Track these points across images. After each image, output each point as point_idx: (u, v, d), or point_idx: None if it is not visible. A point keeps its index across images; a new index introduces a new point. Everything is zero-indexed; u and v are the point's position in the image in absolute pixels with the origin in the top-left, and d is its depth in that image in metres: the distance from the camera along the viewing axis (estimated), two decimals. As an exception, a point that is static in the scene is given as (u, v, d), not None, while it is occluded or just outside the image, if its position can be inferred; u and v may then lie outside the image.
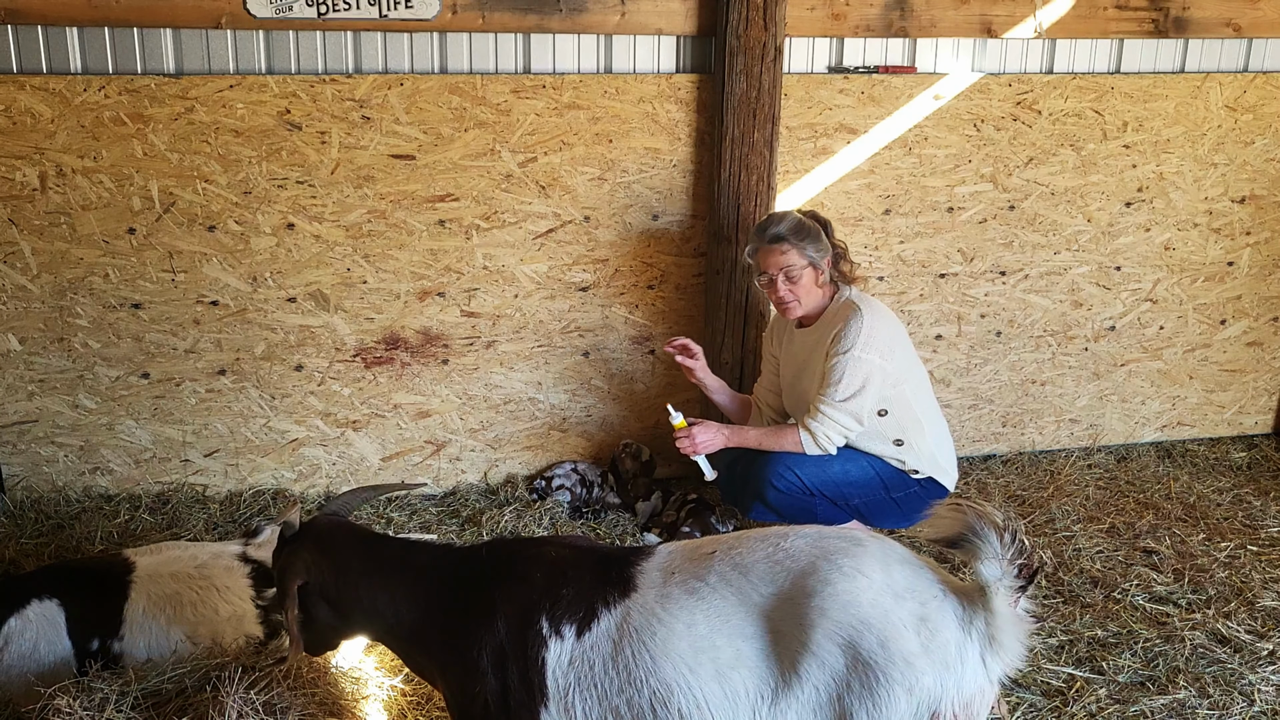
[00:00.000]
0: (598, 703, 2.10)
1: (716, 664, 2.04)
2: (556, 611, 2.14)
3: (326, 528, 2.41)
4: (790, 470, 3.40)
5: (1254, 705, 2.97)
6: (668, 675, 2.06)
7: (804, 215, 3.50)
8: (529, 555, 2.29)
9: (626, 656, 2.08)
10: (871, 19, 4.04)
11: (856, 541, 2.14)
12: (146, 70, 3.66)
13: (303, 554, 2.34)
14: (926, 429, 3.50)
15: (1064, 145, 4.32)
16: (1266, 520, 4.10)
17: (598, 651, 2.11)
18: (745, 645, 2.04)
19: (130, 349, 3.89)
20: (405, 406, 4.15)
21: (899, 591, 2.04)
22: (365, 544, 2.38)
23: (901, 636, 1.98)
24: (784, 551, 2.11)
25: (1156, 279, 4.60)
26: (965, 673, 2.00)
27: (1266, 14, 4.35)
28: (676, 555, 2.22)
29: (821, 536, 2.15)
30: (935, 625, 2.01)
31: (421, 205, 3.92)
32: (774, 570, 2.09)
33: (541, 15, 3.83)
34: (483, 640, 2.16)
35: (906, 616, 2.01)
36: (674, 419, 3.50)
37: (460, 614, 2.21)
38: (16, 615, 2.83)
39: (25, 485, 3.97)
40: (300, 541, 2.37)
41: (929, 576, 2.10)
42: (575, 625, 2.13)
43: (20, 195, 3.66)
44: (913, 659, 1.97)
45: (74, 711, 2.56)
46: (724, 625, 2.06)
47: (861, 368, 3.31)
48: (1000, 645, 2.02)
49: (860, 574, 2.04)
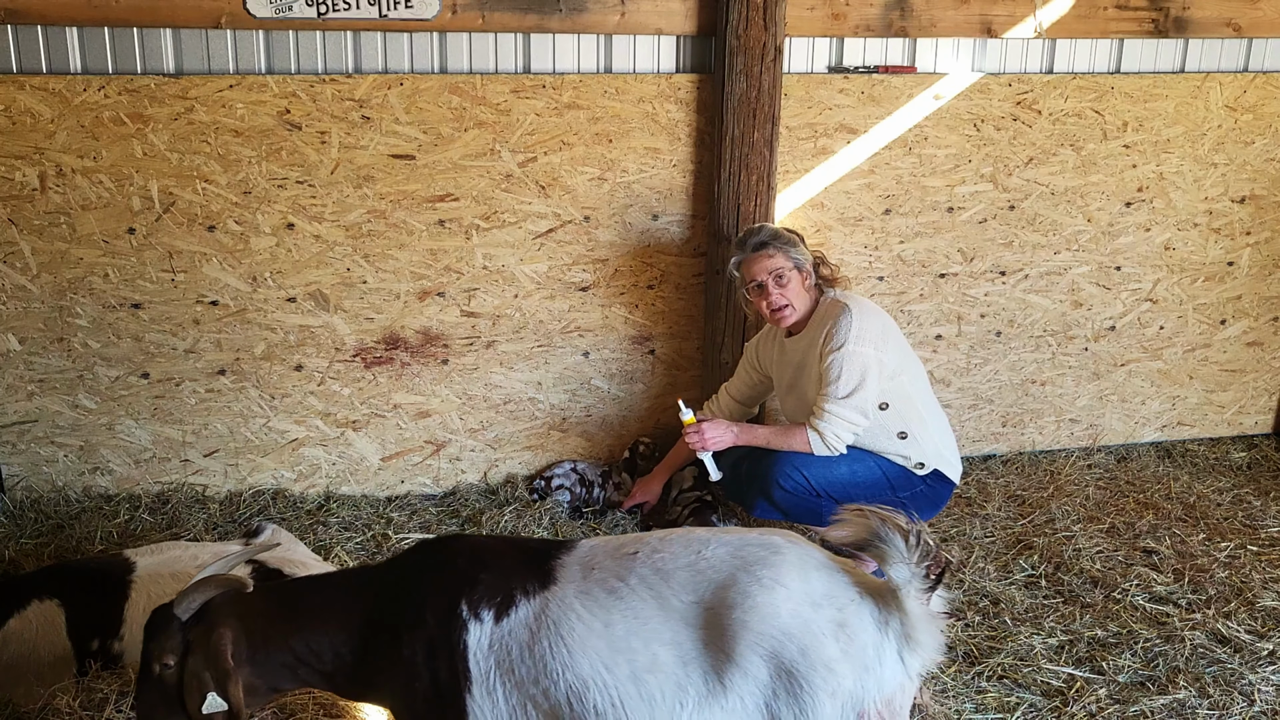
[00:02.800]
0: (516, 689, 2.13)
1: (633, 666, 2.07)
2: (475, 596, 2.17)
3: (229, 600, 2.28)
4: (798, 470, 3.40)
5: (1254, 705, 2.97)
6: (584, 671, 2.09)
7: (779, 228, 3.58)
8: (452, 548, 2.31)
9: (543, 648, 2.11)
10: (871, 19, 4.04)
11: (775, 550, 2.17)
12: (146, 70, 3.66)
13: (222, 632, 2.20)
14: (928, 420, 3.52)
15: (1064, 145, 4.32)
16: (1266, 520, 4.10)
17: (515, 639, 2.14)
18: (662, 651, 2.08)
19: (130, 349, 3.89)
20: (405, 406, 4.15)
21: (817, 600, 2.08)
22: (279, 602, 2.30)
23: (821, 644, 2.04)
24: (705, 560, 2.14)
25: (1156, 279, 4.60)
26: (884, 672, 2.07)
27: (1266, 14, 4.35)
28: (598, 551, 2.25)
29: (742, 545, 2.18)
30: (853, 630, 2.07)
31: (421, 205, 3.92)
32: (695, 579, 2.12)
33: (541, 15, 3.83)
34: (416, 637, 2.18)
35: (825, 624, 2.07)
36: (684, 414, 3.54)
37: (394, 622, 2.20)
38: (17, 615, 2.84)
39: (25, 485, 3.97)
40: (214, 622, 2.22)
41: (845, 581, 2.15)
42: (493, 610, 2.16)
43: (20, 195, 3.66)
44: (833, 664, 2.03)
45: (74, 711, 2.57)
46: (641, 629, 2.09)
47: (858, 361, 3.32)
48: (916, 643, 2.09)
49: (779, 585, 2.08)
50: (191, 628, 2.22)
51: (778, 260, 3.44)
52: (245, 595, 2.32)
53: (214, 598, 2.27)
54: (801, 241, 3.55)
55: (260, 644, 2.23)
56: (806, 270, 3.50)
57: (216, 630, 2.20)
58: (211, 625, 2.21)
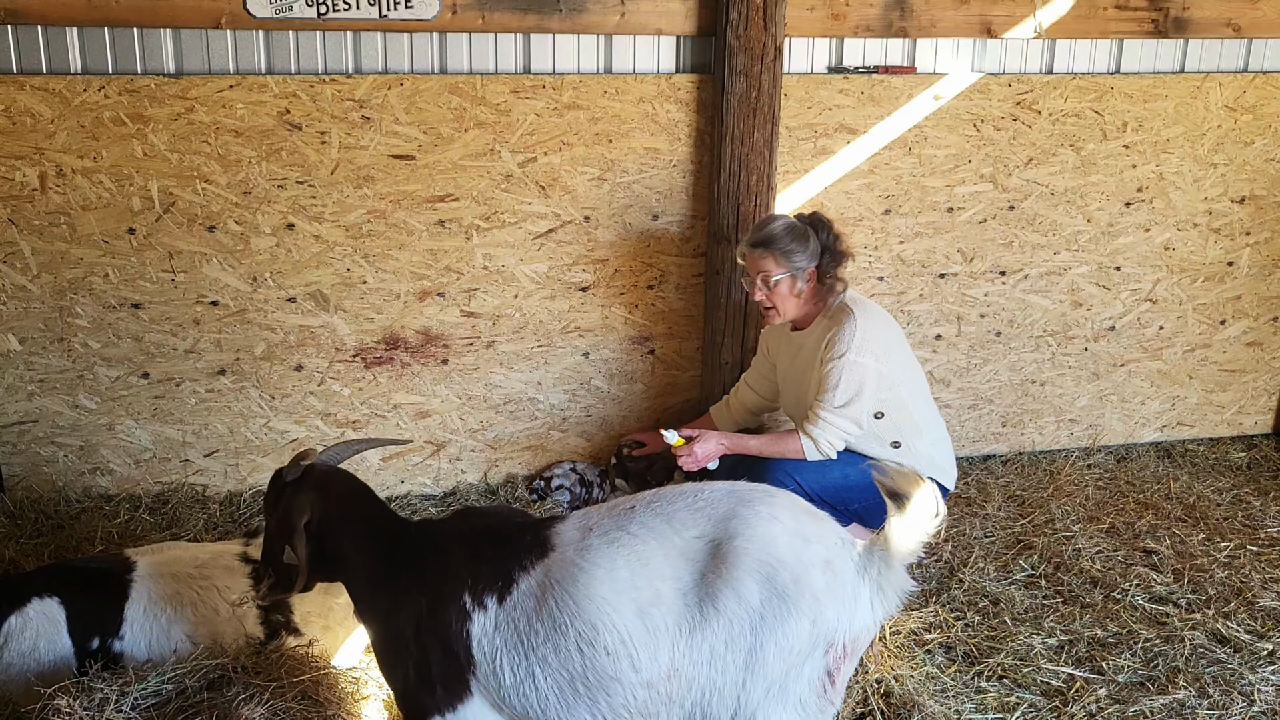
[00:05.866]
0: (524, 657, 2.28)
1: (638, 602, 2.22)
2: (479, 586, 2.33)
3: (326, 473, 2.60)
4: (790, 476, 3.39)
5: (1254, 705, 2.97)
6: (591, 616, 2.23)
7: (802, 218, 3.49)
8: (452, 532, 2.48)
9: (550, 607, 2.26)
10: (871, 19, 4.05)
11: (769, 492, 2.36)
12: (146, 70, 3.66)
13: (306, 493, 2.52)
14: (924, 431, 3.50)
15: (1064, 145, 4.33)
16: (1266, 520, 4.10)
17: (521, 610, 2.29)
18: (664, 585, 2.23)
19: (130, 349, 3.89)
20: (405, 406, 4.15)
21: (808, 536, 2.28)
22: (354, 497, 2.58)
23: (811, 575, 2.23)
24: (704, 500, 2.32)
25: (1156, 279, 4.61)
26: (858, 611, 2.27)
27: (1266, 14, 4.35)
28: (594, 514, 2.41)
29: (736, 487, 2.37)
30: (838, 568, 2.26)
31: (421, 205, 3.92)
32: (696, 516, 2.29)
33: (541, 15, 3.83)
34: (409, 613, 2.35)
35: (815, 558, 2.25)
36: (669, 439, 3.48)
37: (397, 583, 2.41)
38: (17, 614, 2.83)
39: (25, 485, 3.97)
40: (304, 483, 2.55)
41: (832, 526, 2.36)
42: (496, 594, 2.32)
43: (20, 195, 3.66)
44: (820, 595, 2.22)
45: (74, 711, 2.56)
46: (644, 568, 2.24)
47: (857, 372, 3.31)
48: (885, 594, 2.30)
49: (776, 519, 2.27)
50: (287, 488, 2.55)
51: (768, 264, 3.40)
52: (341, 475, 2.61)
53: (317, 466, 2.59)
54: (819, 232, 3.43)
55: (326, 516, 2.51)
56: (802, 276, 3.42)
57: (300, 495, 2.51)
58: (298, 489, 2.52)
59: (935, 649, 3.22)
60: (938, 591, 3.55)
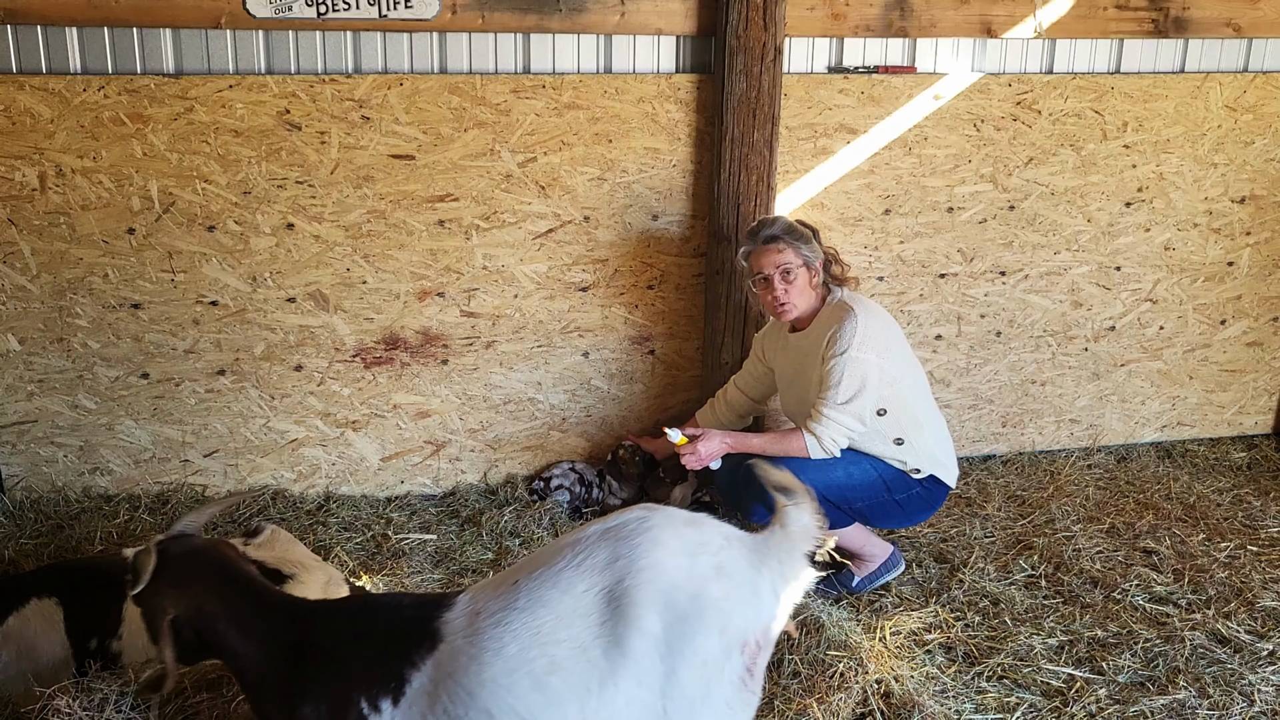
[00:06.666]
0: None
1: (532, 675, 2.14)
2: (373, 690, 2.22)
3: (183, 559, 2.39)
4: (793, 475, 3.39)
5: (1254, 705, 2.96)
6: (484, 702, 2.14)
7: (795, 220, 3.53)
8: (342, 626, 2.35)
9: (444, 702, 2.16)
10: (871, 19, 4.04)
11: (641, 519, 2.31)
12: (146, 70, 3.66)
13: (166, 590, 2.34)
14: (925, 427, 3.50)
15: (1064, 145, 4.32)
16: (1266, 520, 4.10)
17: (417, 708, 2.19)
18: (559, 650, 2.15)
19: (130, 349, 3.89)
20: (405, 406, 4.14)
21: (692, 550, 2.24)
22: (224, 584, 2.39)
23: (707, 587, 2.19)
24: (583, 553, 2.25)
25: (1156, 279, 4.60)
26: (762, 605, 2.26)
27: (1266, 14, 4.35)
28: (482, 596, 2.30)
29: (609, 527, 2.30)
30: (730, 570, 2.24)
31: (421, 205, 3.92)
32: (579, 571, 2.22)
33: (541, 15, 3.83)
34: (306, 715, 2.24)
35: (706, 569, 2.22)
36: (673, 437, 3.49)
37: (292, 686, 2.27)
38: (15, 614, 2.83)
39: (25, 485, 3.97)
40: (161, 576, 2.35)
41: (713, 529, 2.33)
42: (390, 697, 2.21)
43: (20, 195, 3.66)
44: (720, 602, 2.19)
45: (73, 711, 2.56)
46: (534, 639, 2.16)
47: (859, 368, 3.31)
48: (786, 579, 2.29)
49: (657, 545, 2.23)
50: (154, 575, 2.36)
51: (787, 255, 3.41)
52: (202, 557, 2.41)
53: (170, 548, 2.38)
54: (815, 237, 3.50)
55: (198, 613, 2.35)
56: (815, 268, 3.46)
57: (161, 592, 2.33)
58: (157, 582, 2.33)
59: (935, 649, 3.22)
60: (938, 591, 3.55)
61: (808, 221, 3.57)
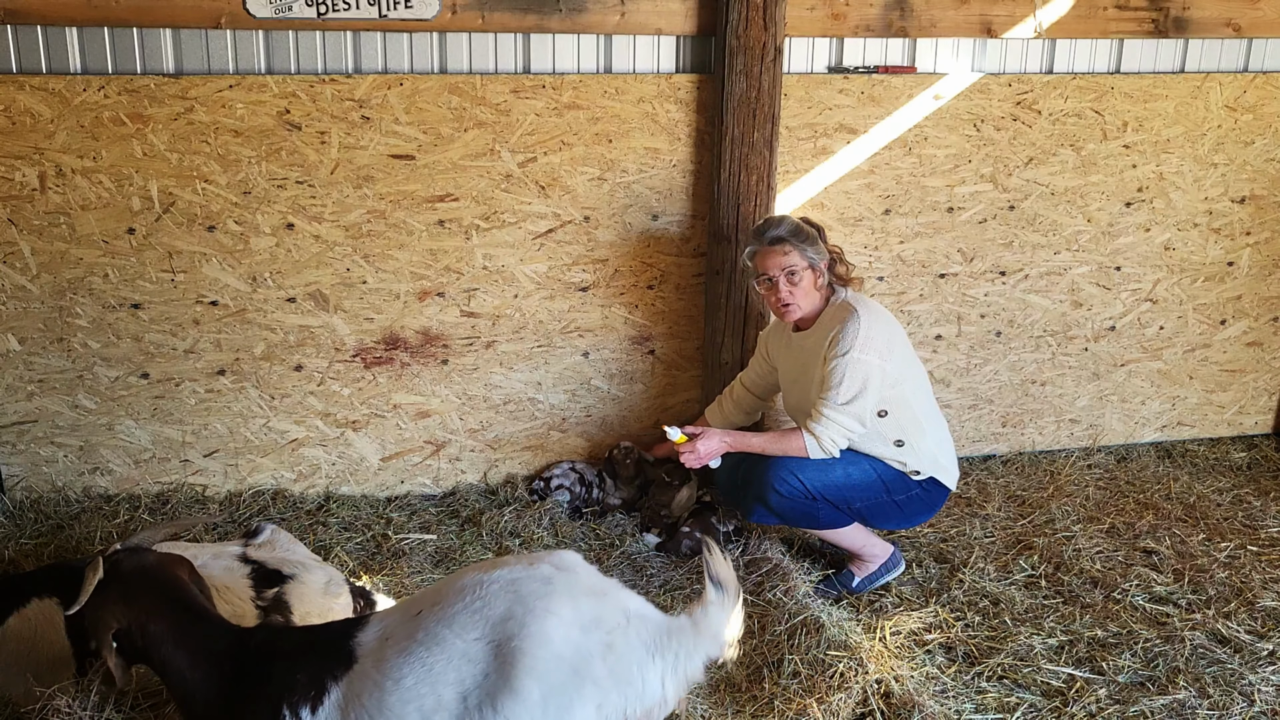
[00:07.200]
0: None
1: (421, 711, 2.22)
2: (294, 698, 2.31)
3: (133, 574, 2.45)
4: (793, 475, 3.39)
5: (1254, 705, 2.96)
6: None
7: (801, 220, 3.51)
8: (276, 649, 2.43)
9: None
10: (871, 19, 4.05)
11: (546, 581, 2.33)
12: (146, 70, 3.66)
13: (112, 605, 2.40)
14: (926, 429, 3.50)
15: (1064, 145, 4.32)
16: (1266, 520, 4.10)
17: None
18: (446, 691, 2.23)
19: (130, 349, 3.89)
20: (405, 406, 4.14)
21: (586, 624, 2.26)
22: (171, 607, 2.45)
23: (591, 665, 2.21)
24: (481, 600, 2.30)
25: (1156, 279, 4.60)
26: (646, 689, 2.26)
27: (1266, 14, 4.35)
28: (391, 621, 2.39)
29: (513, 581, 2.34)
30: (619, 650, 2.25)
31: (421, 205, 3.92)
32: (475, 619, 2.28)
33: (541, 15, 3.83)
34: None
35: (595, 646, 2.23)
36: (672, 435, 3.48)
37: (229, 706, 2.36)
38: (16, 613, 2.83)
39: (25, 485, 3.97)
40: (108, 589, 2.42)
41: (616, 604, 2.33)
42: (309, 706, 2.31)
43: (20, 195, 3.66)
44: (601, 681, 2.21)
45: (73, 711, 2.56)
46: (427, 675, 2.24)
47: (861, 369, 3.31)
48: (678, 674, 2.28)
49: (551, 614, 2.25)
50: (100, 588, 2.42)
51: (793, 257, 3.40)
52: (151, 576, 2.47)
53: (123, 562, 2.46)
54: (821, 236, 3.48)
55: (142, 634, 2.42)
56: (820, 269, 3.45)
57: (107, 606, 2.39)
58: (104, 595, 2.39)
59: (935, 649, 3.22)
60: (938, 591, 3.55)
61: (813, 220, 3.56)
